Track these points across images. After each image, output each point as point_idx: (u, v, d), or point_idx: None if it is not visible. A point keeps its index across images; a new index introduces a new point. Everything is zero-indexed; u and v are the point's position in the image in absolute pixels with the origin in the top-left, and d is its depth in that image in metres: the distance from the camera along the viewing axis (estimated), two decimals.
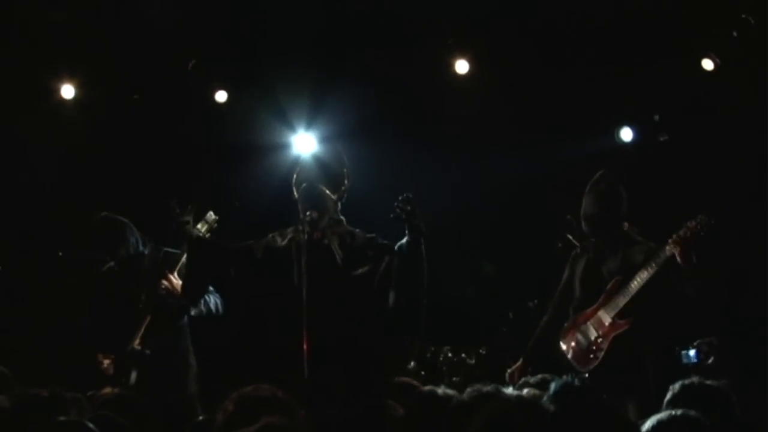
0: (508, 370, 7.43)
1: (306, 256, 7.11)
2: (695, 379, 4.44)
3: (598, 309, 7.18)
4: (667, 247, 6.87)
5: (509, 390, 4.21)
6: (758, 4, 8.92)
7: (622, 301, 7.07)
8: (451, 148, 10.01)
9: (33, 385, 4.72)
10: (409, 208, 6.73)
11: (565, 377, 4.85)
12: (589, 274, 7.36)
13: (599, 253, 7.37)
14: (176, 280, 7.80)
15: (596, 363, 7.09)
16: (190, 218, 7.49)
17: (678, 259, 6.79)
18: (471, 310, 9.51)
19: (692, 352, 8.63)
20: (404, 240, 7.00)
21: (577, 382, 4.30)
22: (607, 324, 7.12)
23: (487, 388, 4.06)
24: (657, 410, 3.92)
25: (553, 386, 4.28)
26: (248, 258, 7.44)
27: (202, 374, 7.98)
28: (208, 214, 7.65)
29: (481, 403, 3.72)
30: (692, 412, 3.64)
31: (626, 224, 7.37)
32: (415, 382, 5.54)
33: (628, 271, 7.11)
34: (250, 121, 9.86)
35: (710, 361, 8.53)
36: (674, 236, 6.86)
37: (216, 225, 7.64)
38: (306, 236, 7.16)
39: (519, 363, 7.42)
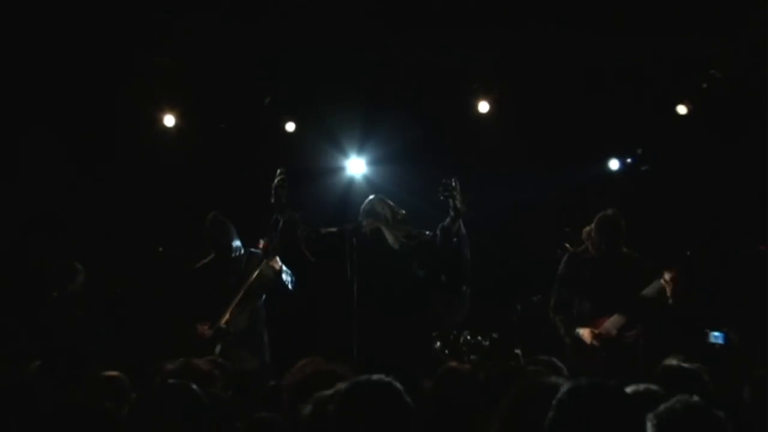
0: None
1: (356, 255, 7.02)
2: (674, 361, 4.39)
3: (604, 320, 7.17)
4: (661, 281, 7.01)
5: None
6: (723, 62, 8.93)
7: (623, 318, 7.11)
8: (473, 172, 8.99)
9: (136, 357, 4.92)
10: (452, 185, 6.64)
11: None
12: (595, 285, 7.28)
13: (603, 269, 7.27)
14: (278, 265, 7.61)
15: (598, 367, 7.00)
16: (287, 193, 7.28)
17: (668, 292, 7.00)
18: (487, 302, 8.88)
19: (719, 335, 8.41)
20: (446, 220, 6.86)
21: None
22: (613, 335, 7.13)
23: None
24: None
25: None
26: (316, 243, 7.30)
27: (271, 347, 7.91)
28: (278, 171, 7.36)
29: (509, 380, 3.68)
30: (654, 387, 3.54)
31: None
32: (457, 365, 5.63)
33: (626, 288, 7.13)
34: (312, 147, 9.78)
35: (736, 343, 8.32)
36: (666, 276, 7.00)
37: (283, 175, 7.31)
38: (356, 241, 7.06)
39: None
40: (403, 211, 7.29)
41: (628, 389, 3.14)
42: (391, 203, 7.30)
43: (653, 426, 2.84)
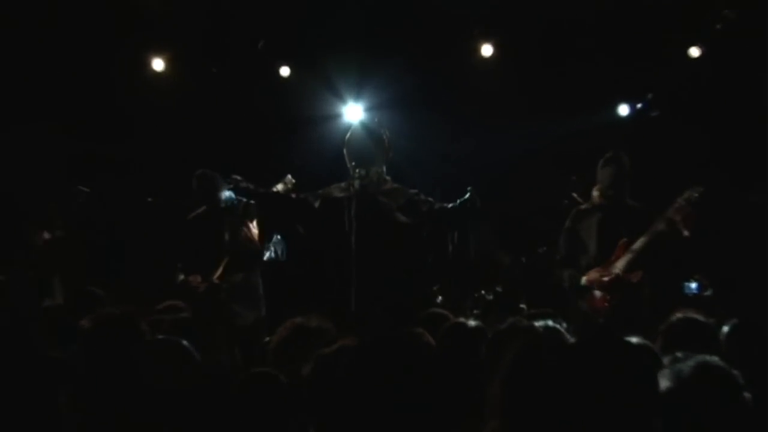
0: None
1: (356, 206, 7.20)
2: (687, 314, 4.49)
3: (609, 265, 7.20)
4: (664, 221, 7.01)
5: (536, 323, 4.14)
6: (737, 1, 9.08)
7: (630, 259, 7.10)
8: (475, 120, 9.99)
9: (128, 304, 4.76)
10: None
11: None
12: (603, 233, 7.31)
13: (610, 215, 7.33)
14: (254, 230, 7.88)
15: (608, 311, 7.13)
16: (246, 183, 7.53)
17: (668, 229, 6.98)
18: (490, 254, 9.43)
19: (694, 285, 8.64)
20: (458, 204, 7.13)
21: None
22: (619, 276, 7.13)
23: (524, 322, 4.09)
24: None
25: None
26: (304, 207, 7.48)
27: (269, 303, 8.00)
28: (286, 177, 7.65)
29: (515, 334, 3.76)
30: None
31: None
32: (446, 313, 5.53)
33: (632, 233, 7.15)
34: (308, 93, 9.82)
35: (708, 292, 8.58)
36: (667, 212, 7.01)
37: (292, 186, 7.63)
38: (356, 190, 7.23)
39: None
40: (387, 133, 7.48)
41: (637, 341, 3.14)
42: (379, 133, 7.49)
43: (670, 382, 2.90)
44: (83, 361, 4.05)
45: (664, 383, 2.88)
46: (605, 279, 7.22)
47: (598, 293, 7.28)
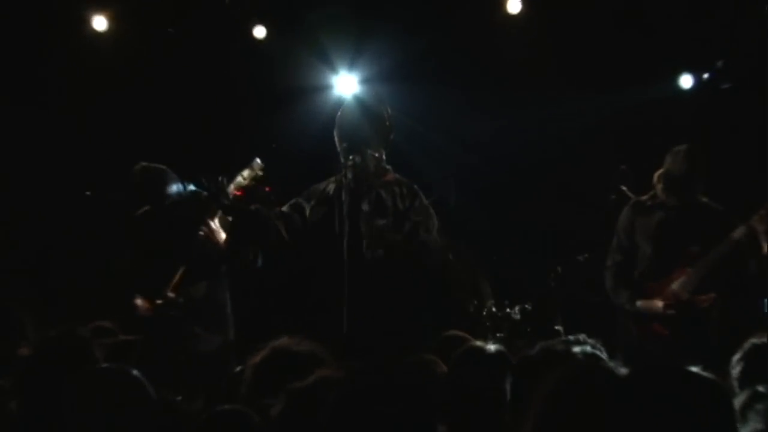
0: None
1: (348, 202, 7.19)
2: (766, 339, 4.47)
3: (671, 282, 7.33)
4: (743, 230, 7.10)
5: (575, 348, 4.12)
6: None
7: (698, 276, 7.23)
8: (499, 93, 9.96)
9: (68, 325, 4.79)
10: None
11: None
12: (665, 236, 7.43)
13: (677, 216, 7.42)
14: (215, 227, 7.77)
15: (668, 337, 7.26)
16: (225, 189, 7.44)
17: (746, 240, 7.11)
18: (518, 263, 9.51)
19: None
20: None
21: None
22: (683, 299, 7.27)
23: (559, 346, 4.08)
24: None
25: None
26: (294, 219, 7.43)
27: (239, 324, 8.05)
28: (254, 161, 7.58)
29: (549, 361, 3.78)
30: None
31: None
32: (465, 336, 5.70)
33: (703, 241, 7.27)
34: (290, 60, 9.92)
35: None
36: (751, 221, 7.10)
37: (262, 173, 7.56)
38: (349, 182, 7.17)
39: None
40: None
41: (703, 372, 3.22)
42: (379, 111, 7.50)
43: (761, 424, 2.89)
44: (19, 398, 4.17)
45: (754, 426, 2.89)
46: (669, 310, 7.34)
47: (654, 325, 7.44)
